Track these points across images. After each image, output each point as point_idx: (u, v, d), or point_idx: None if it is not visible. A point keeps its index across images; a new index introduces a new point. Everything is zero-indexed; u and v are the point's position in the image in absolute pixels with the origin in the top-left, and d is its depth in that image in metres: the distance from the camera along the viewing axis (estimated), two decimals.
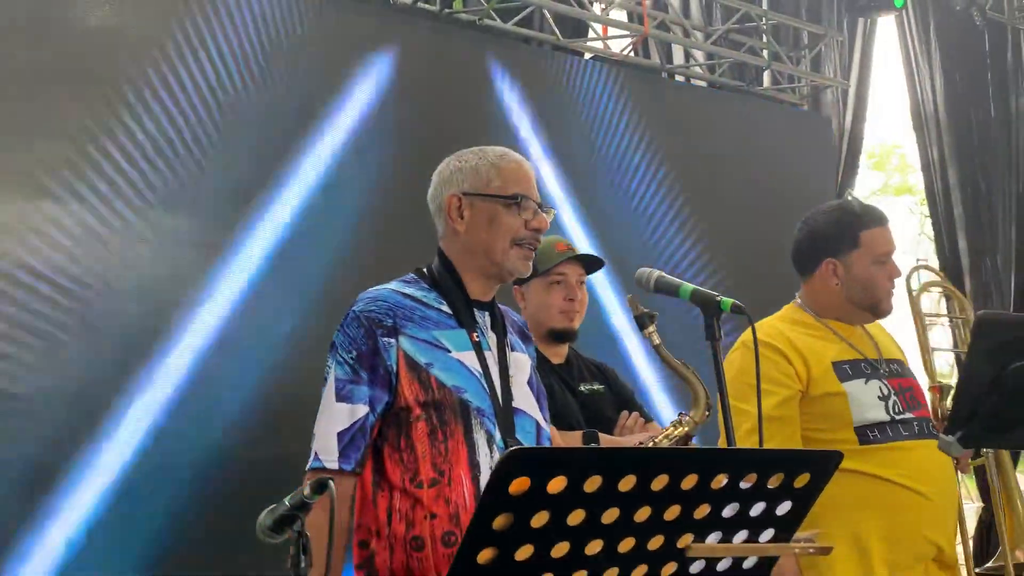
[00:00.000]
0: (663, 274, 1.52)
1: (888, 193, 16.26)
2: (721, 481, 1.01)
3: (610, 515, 0.97)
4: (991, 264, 5.80)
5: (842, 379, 2.00)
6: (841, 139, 5.32)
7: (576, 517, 0.94)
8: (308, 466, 1.52)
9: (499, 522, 0.90)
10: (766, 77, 5.00)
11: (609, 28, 4.44)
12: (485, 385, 1.55)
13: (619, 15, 4.53)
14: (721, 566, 1.10)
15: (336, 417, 1.51)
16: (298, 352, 3.11)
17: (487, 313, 1.66)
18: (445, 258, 1.65)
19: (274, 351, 3.16)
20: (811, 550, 1.17)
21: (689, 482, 0.99)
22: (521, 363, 1.67)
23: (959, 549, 2.26)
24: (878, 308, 2.09)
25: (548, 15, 4.12)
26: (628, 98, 4.29)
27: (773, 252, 3.20)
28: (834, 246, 2.09)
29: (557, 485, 0.91)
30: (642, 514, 0.99)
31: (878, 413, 1.97)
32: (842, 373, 2.01)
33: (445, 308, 1.62)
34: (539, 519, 0.92)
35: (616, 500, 0.96)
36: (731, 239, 4.43)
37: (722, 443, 1.50)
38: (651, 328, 1.58)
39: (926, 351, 2.69)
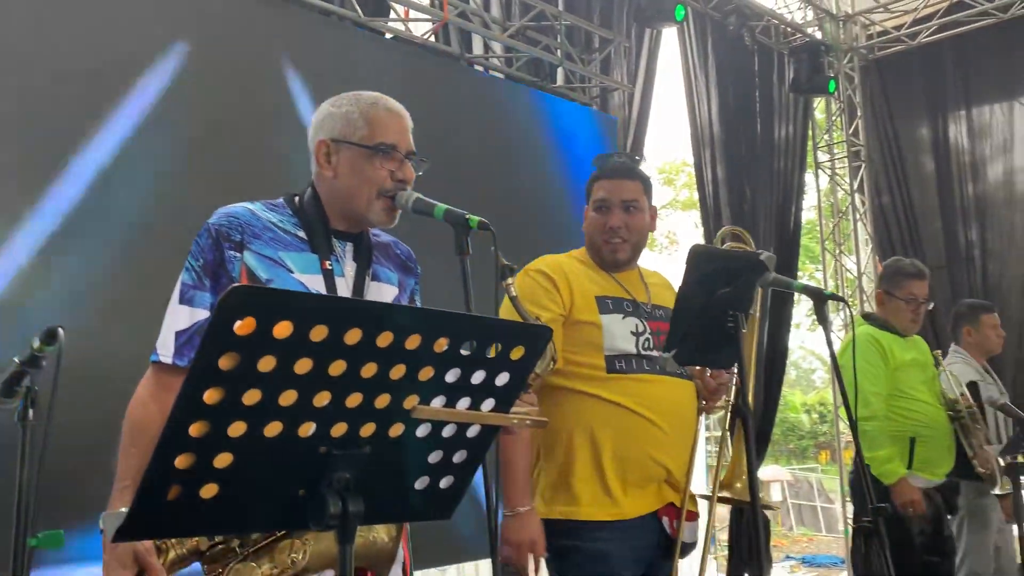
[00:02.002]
0: (421, 196, 1.63)
1: (676, 207, 17.48)
2: (443, 345, 1.12)
3: (337, 367, 1.05)
4: None
5: (601, 311, 2.23)
6: (626, 140, 5.73)
7: (303, 366, 1.02)
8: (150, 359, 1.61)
9: (225, 362, 0.97)
10: (559, 75, 5.29)
11: (410, 11, 4.56)
12: None
13: None
14: (446, 431, 1.22)
15: (177, 317, 1.60)
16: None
17: (350, 244, 1.73)
18: (315, 191, 1.72)
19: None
20: (528, 422, 1.31)
21: (413, 342, 1.09)
22: (383, 292, 1.75)
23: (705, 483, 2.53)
24: (600, 254, 2.34)
25: None
26: (426, 82, 4.41)
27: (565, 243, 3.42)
28: (586, 195, 2.36)
29: (283, 330, 0.98)
30: (368, 370, 1.07)
31: (627, 346, 2.20)
32: (603, 306, 2.24)
33: (301, 234, 1.68)
34: (266, 363, 0.99)
35: (343, 353, 1.04)
36: (516, 227, 4.64)
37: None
38: (509, 280, 1.68)
39: None
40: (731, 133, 6.35)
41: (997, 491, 3.45)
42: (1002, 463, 3.42)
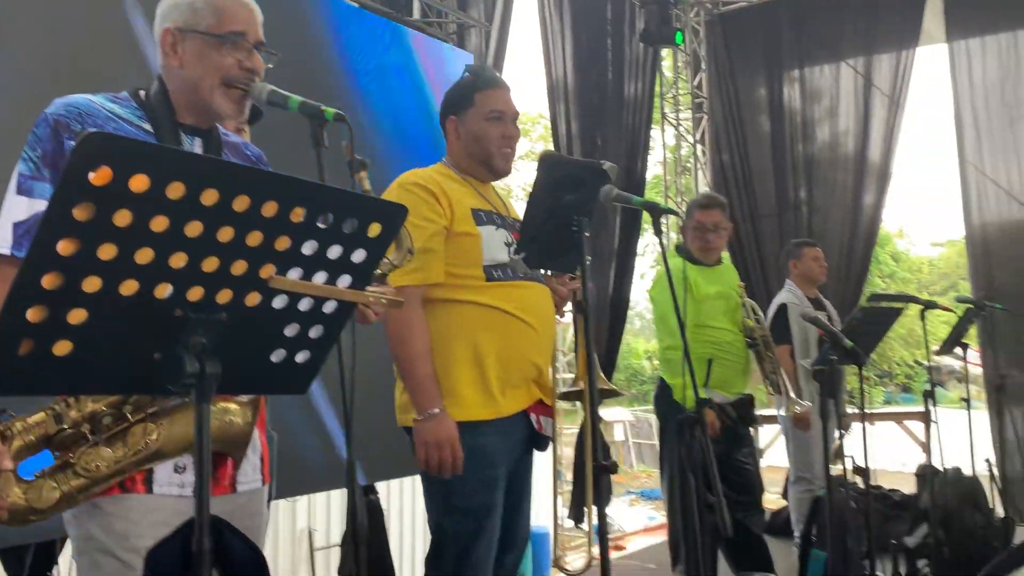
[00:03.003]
0: (275, 88, 1.63)
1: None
2: (300, 215, 1.16)
3: (194, 228, 1.06)
4: None
5: (478, 223, 2.31)
6: None
7: (160, 223, 1.03)
8: None
9: (80, 212, 0.97)
10: (415, 7, 5.26)
11: None
12: None
13: None
14: (303, 305, 1.26)
15: (14, 209, 1.55)
16: None
17: (199, 139, 1.69)
18: (163, 84, 1.67)
19: None
20: (384, 301, 1.36)
21: (270, 209, 1.12)
22: None
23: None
24: (491, 163, 2.40)
25: None
26: (275, 7, 4.27)
27: None
28: (455, 105, 2.39)
29: (140, 184, 0.99)
30: (225, 234, 1.09)
31: (503, 256, 2.30)
32: (478, 218, 2.32)
33: (147, 127, 1.63)
34: (122, 218, 1.00)
35: (199, 213, 1.06)
36: (373, 156, 4.61)
37: None
38: (362, 174, 1.69)
39: None
40: (584, 83, 6.50)
41: (783, 411, 3.83)
42: (800, 381, 3.82)
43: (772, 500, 6.86)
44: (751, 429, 3.70)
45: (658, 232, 2.12)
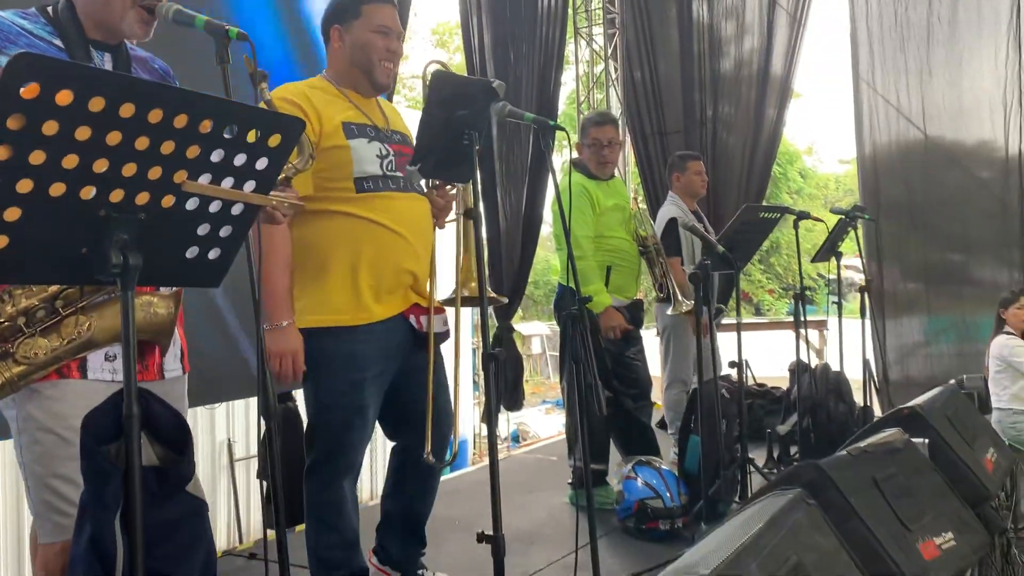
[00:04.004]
0: (181, 8, 1.75)
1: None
2: (207, 126, 1.32)
3: (114, 138, 1.22)
4: None
5: (348, 136, 2.42)
6: None
7: (83, 133, 1.18)
8: None
9: (13, 122, 1.12)
10: None
11: None
12: None
13: None
14: (213, 207, 1.43)
15: None
16: None
17: (108, 55, 1.77)
18: (69, 1, 1.73)
19: None
20: (286, 204, 1.54)
21: (180, 121, 1.28)
22: None
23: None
24: (372, 74, 2.51)
25: None
26: None
27: None
28: (341, 15, 2.49)
29: (65, 98, 1.14)
30: (142, 143, 1.25)
31: (374, 168, 2.43)
32: (349, 132, 2.43)
33: (57, 42, 1.71)
34: (50, 127, 1.15)
35: (118, 125, 1.21)
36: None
37: None
38: (264, 85, 1.78)
39: None
40: None
41: (670, 311, 4.17)
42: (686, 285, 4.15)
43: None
44: (639, 330, 4.01)
45: (547, 148, 2.29)
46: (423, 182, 2.46)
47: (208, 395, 4.09)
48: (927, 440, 2.49)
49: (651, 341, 4.77)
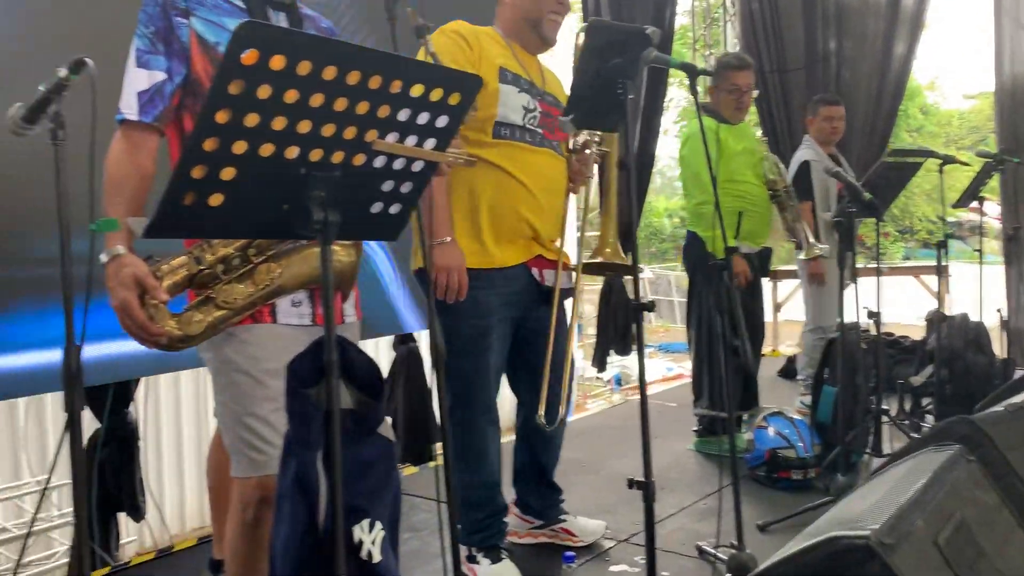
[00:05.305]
0: None
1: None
2: (398, 87, 1.37)
3: (316, 100, 1.28)
4: None
5: (501, 80, 2.46)
6: None
7: (291, 96, 1.24)
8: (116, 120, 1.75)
9: (234, 88, 1.19)
10: None
11: None
12: None
13: None
14: (397, 164, 1.48)
15: (136, 80, 1.75)
16: None
17: (283, 14, 1.88)
18: None
19: None
20: (461, 160, 1.59)
21: (375, 82, 1.33)
22: None
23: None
24: (540, 26, 2.53)
25: None
26: None
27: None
28: None
29: (278, 63, 1.20)
30: (340, 104, 1.31)
31: (516, 117, 2.46)
32: (503, 76, 2.47)
33: (239, 3, 1.83)
34: (264, 91, 1.21)
35: (321, 87, 1.27)
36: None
37: None
38: (428, 37, 1.87)
39: None
40: None
41: (802, 255, 4.07)
42: (821, 234, 4.04)
43: (787, 350, 7.22)
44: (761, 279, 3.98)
45: (694, 92, 2.26)
46: (568, 141, 2.48)
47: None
48: None
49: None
